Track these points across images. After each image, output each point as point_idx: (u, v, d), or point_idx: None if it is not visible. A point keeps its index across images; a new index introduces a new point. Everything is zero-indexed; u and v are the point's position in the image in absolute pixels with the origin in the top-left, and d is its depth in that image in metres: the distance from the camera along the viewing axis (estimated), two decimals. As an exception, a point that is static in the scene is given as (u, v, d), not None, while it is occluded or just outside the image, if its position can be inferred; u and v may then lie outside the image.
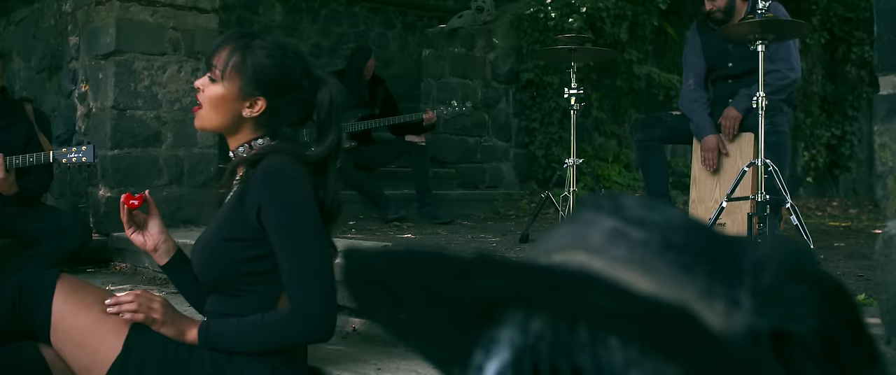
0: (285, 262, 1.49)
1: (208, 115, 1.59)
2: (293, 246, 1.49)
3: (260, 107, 1.57)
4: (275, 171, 1.51)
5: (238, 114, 1.58)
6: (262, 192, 1.50)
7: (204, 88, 1.59)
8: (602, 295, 0.44)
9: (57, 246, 2.97)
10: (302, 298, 1.48)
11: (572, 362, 0.50)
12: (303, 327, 1.49)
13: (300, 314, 1.48)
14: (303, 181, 1.52)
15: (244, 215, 1.52)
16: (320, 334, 1.52)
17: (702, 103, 3.41)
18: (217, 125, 1.59)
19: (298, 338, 1.54)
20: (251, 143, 1.60)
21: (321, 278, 1.49)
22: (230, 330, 1.50)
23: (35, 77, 4.61)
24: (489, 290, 0.49)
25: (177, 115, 3.86)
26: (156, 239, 1.70)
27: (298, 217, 1.50)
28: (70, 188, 4.16)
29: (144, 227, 1.71)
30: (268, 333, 1.50)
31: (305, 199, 1.51)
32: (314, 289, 1.48)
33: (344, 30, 8.08)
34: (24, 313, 1.55)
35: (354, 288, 0.61)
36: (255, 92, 1.57)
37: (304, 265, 1.48)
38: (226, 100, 1.57)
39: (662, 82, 6.79)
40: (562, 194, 3.61)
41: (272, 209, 1.49)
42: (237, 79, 1.56)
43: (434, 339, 0.63)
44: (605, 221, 0.54)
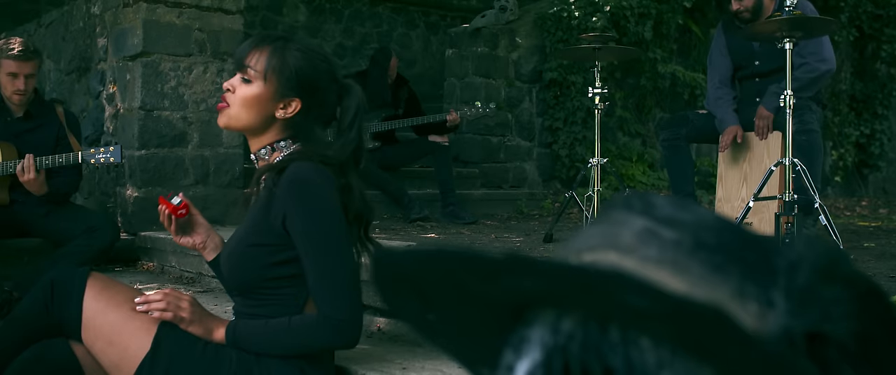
0: (311, 270, 1.50)
1: (238, 114, 1.59)
2: (319, 254, 1.49)
3: (294, 108, 1.59)
4: (300, 179, 1.51)
5: (270, 114, 1.59)
6: (288, 200, 1.51)
7: (235, 89, 1.59)
8: (634, 295, 0.44)
9: (86, 245, 3.02)
10: (328, 306, 1.48)
11: (604, 362, 0.49)
12: (329, 333, 1.50)
13: (326, 320, 1.49)
14: (328, 187, 1.53)
15: (270, 221, 1.53)
16: (346, 340, 1.53)
17: (727, 100, 3.38)
18: (246, 124, 1.60)
19: (324, 344, 1.55)
20: (273, 145, 1.61)
21: (347, 285, 1.50)
22: (257, 331, 1.52)
23: (64, 78, 4.68)
24: (520, 290, 0.49)
25: (203, 116, 3.90)
26: (202, 237, 1.74)
27: (324, 224, 1.50)
28: (98, 188, 4.22)
29: (190, 229, 1.73)
30: (294, 336, 1.51)
31: (331, 206, 1.52)
32: (340, 297, 1.49)
33: (367, 30, 8.11)
34: (55, 310, 1.58)
35: (383, 287, 0.61)
36: (290, 93, 1.58)
37: (330, 273, 1.49)
38: (260, 101, 1.58)
39: (687, 81, 6.74)
40: (586, 194, 3.60)
41: (298, 216, 1.50)
42: (274, 80, 1.57)
43: (463, 339, 0.63)
44: (635, 221, 0.54)
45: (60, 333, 1.58)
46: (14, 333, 1.58)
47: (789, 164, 2.82)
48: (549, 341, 0.51)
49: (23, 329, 1.58)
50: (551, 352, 0.51)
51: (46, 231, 3.13)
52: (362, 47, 7.96)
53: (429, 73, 7.81)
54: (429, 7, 8.32)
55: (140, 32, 3.76)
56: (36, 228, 3.14)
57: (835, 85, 6.94)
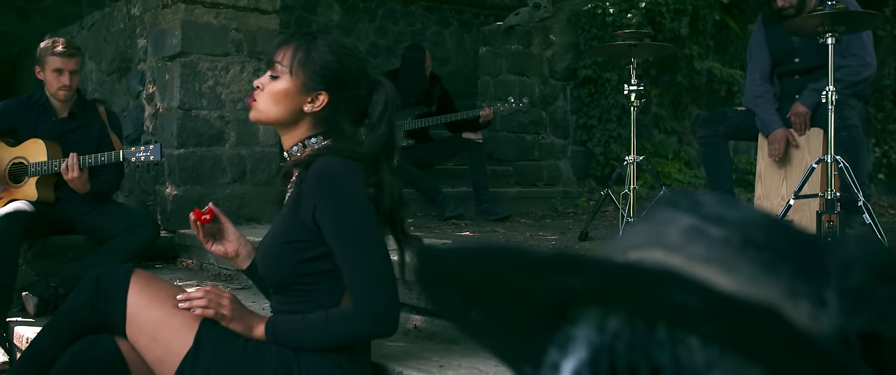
0: (345, 263, 1.51)
1: (266, 108, 1.62)
2: (351, 247, 1.50)
3: (321, 101, 1.60)
4: (327, 173, 1.53)
5: (299, 108, 1.61)
6: (316, 194, 1.52)
7: (264, 86, 1.62)
8: (683, 293, 0.43)
9: (128, 243, 3.07)
10: (364, 297, 1.50)
11: (651, 361, 0.49)
12: (366, 324, 1.51)
13: (363, 312, 1.50)
14: (356, 181, 1.53)
15: (301, 217, 1.55)
16: (383, 330, 1.54)
17: (768, 98, 3.32)
18: (274, 118, 1.62)
19: (362, 335, 1.56)
20: (304, 142, 1.62)
21: (381, 276, 1.51)
22: (295, 327, 1.53)
23: (106, 79, 4.77)
24: (567, 288, 0.48)
25: (240, 115, 3.95)
26: (235, 245, 1.75)
27: (353, 217, 1.51)
28: (139, 186, 4.29)
29: (221, 237, 1.75)
30: (332, 329, 1.52)
31: (359, 200, 1.52)
32: (375, 288, 1.49)
33: (400, 29, 8.13)
34: (101, 306, 1.61)
35: (427, 285, 0.61)
36: (318, 86, 1.60)
37: (364, 264, 1.50)
38: (288, 94, 1.60)
39: (724, 77, 6.64)
40: (622, 191, 3.57)
41: (327, 211, 1.51)
42: (301, 74, 1.59)
43: (506, 337, 0.63)
44: (682, 219, 0.53)
45: (105, 329, 1.61)
46: (62, 328, 1.62)
47: (831, 161, 2.76)
48: (595, 339, 0.51)
49: (70, 324, 1.62)
50: (597, 351, 0.50)
51: (90, 228, 3.20)
52: (396, 46, 7.99)
53: (462, 72, 7.81)
54: (462, 5, 8.31)
55: (178, 33, 3.82)
56: (80, 226, 3.21)
57: (878, 80, 6.78)
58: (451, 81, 5.23)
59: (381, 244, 1.54)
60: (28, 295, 2.89)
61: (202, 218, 1.69)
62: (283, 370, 1.51)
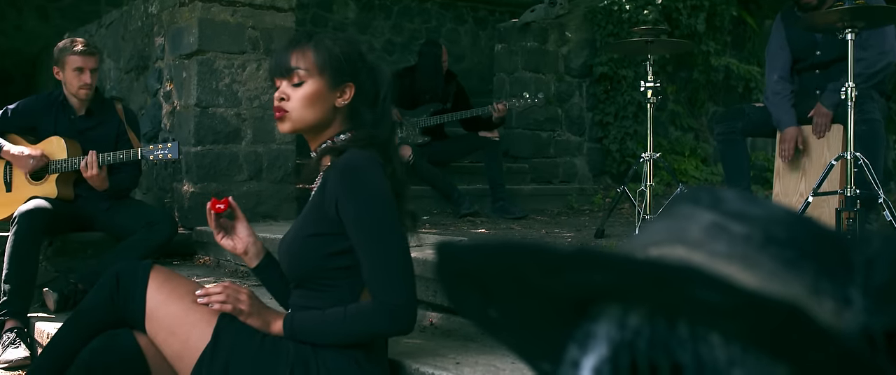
0: (365, 256, 1.52)
1: (302, 116, 1.61)
2: (372, 241, 1.51)
3: (349, 94, 1.63)
4: (350, 166, 1.54)
5: (331, 105, 1.63)
6: (339, 187, 1.53)
7: (290, 96, 1.62)
8: (706, 290, 0.43)
9: (146, 240, 3.09)
10: (383, 292, 1.50)
11: (672, 358, 0.49)
12: (384, 320, 1.51)
13: (381, 307, 1.50)
14: (379, 174, 1.54)
15: (325, 210, 1.56)
16: (401, 326, 1.54)
17: (785, 96, 3.29)
18: (313, 121, 1.62)
19: (380, 331, 1.56)
20: (333, 140, 1.63)
21: (400, 271, 1.51)
22: (314, 322, 1.54)
23: (123, 77, 4.81)
24: (588, 284, 0.48)
25: (256, 112, 3.97)
26: (245, 242, 1.75)
27: (376, 211, 1.52)
28: (156, 184, 4.32)
29: (232, 232, 1.75)
30: (350, 325, 1.53)
31: (382, 193, 1.53)
32: (394, 283, 1.50)
33: (416, 26, 8.14)
34: (120, 302, 1.63)
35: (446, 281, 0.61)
36: (344, 79, 1.62)
37: (383, 259, 1.51)
38: (320, 95, 1.61)
39: (741, 74, 6.59)
40: (638, 189, 3.55)
41: (350, 203, 1.52)
42: (326, 72, 1.61)
43: (525, 334, 0.63)
44: (703, 215, 0.53)
45: (125, 324, 1.63)
46: (82, 324, 1.64)
47: (851, 158, 2.73)
48: (615, 336, 0.50)
49: (90, 319, 1.64)
50: (618, 348, 0.50)
51: (108, 225, 3.23)
52: (411, 43, 7.99)
53: (477, 69, 7.80)
54: (477, 2, 8.31)
55: (195, 31, 3.84)
56: (99, 222, 3.24)
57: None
58: (466, 79, 5.23)
59: (402, 239, 1.54)
60: (48, 291, 2.92)
61: (216, 207, 1.70)
62: (300, 365, 1.52)
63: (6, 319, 2.78)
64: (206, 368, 1.53)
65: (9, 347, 2.69)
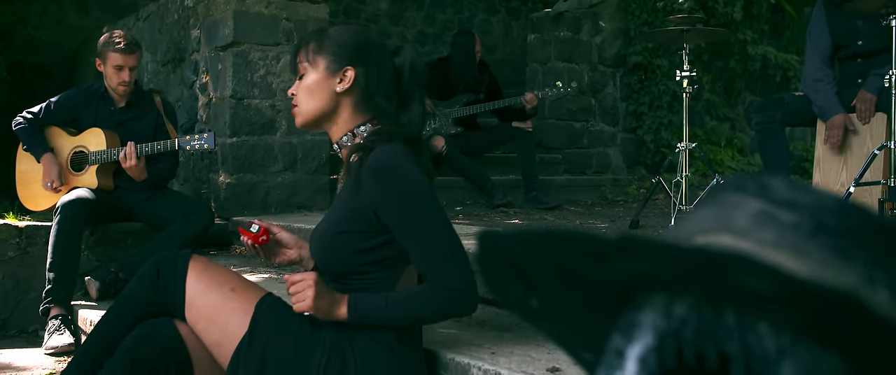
0: (420, 249, 1.50)
1: (305, 106, 1.63)
2: (423, 232, 1.50)
3: (350, 77, 1.61)
4: (382, 166, 1.53)
5: (332, 91, 1.62)
6: (376, 190, 1.52)
7: (296, 90, 1.64)
8: (756, 278, 0.42)
9: (183, 230, 3.14)
10: (444, 274, 1.49)
11: (719, 348, 0.48)
12: (448, 300, 1.49)
13: (443, 287, 1.49)
14: (411, 166, 1.54)
15: (359, 210, 1.56)
16: (466, 306, 1.53)
17: (827, 83, 3.22)
18: (316, 110, 1.63)
19: (444, 312, 1.54)
20: (353, 131, 1.63)
21: (457, 253, 1.50)
22: (377, 307, 1.52)
23: (161, 69, 4.88)
24: (634, 272, 0.48)
25: (290, 104, 3.99)
26: (296, 252, 1.76)
27: (419, 203, 1.51)
28: (193, 174, 4.38)
29: (279, 248, 1.76)
30: (414, 306, 1.51)
31: (419, 184, 1.52)
32: (454, 265, 1.49)
33: (448, 17, 8.12)
34: (161, 290, 1.65)
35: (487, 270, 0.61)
36: (341, 63, 1.62)
37: (440, 245, 1.50)
38: (318, 83, 1.62)
39: (779, 62, 6.47)
40: (673, 179, 3.51)
41: (392, 204, 1.51)
42: (321, 59, 1.62)
43: (567, 323, 0.63)
44: (750, 203, 0.52)
45: (165, 312, 1.65)
46: (124, 312, 1.67)
47: (894, 147, 2.67)
48: (661, 325, 0.50)
49: (132, 308, 1.67)
50: (664, 337, 0.50)
51: (147, 215, 3.28)
52: (443, 34, 7.98)
53: (510, 59, 7.77)
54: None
55: (231, 23, 3.88)
56: (137, 213, 3.30)
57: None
58: (498, 69, 5.20)
59: (448, 223, 1.54)
60: (90, 279, 2.98)
61: (259, 240, 1.69)
62: (336, 353, 1.53)
63: (51, 307, 2.85)
64: (244, 356, 1.55)
65: (54, 334, 2.76)
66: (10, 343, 3.06)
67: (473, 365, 1.59)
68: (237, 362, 1.55)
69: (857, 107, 3.07)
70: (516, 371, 1.51)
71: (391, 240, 1.56)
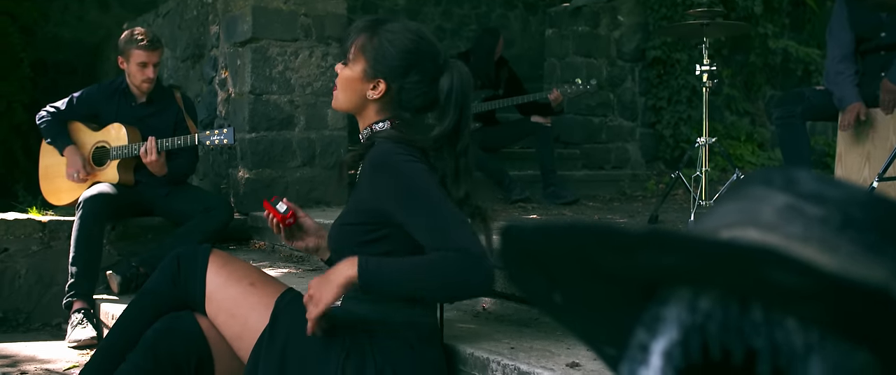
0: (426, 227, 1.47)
1: (338, 96, 1.66)
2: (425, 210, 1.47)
3: (381, 89, 1.61)
4: (378, 162, 1.53)
5: (363, 95, 1.62)
6: (372, 184, 1.53)
7: (339, 72, 1.65)
8: (784, 272, 0.42)
9: (203, 225, 3.16)
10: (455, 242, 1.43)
11: (745, 343, 0.48)
12: (461, 264, 1.41)
13: (455, 251, 1.42)
14: (411, 162, 1.52)
15: (361, 202, 1.57)
16: (483, 273, 1.42)
17: (848, 75, 3.18)
18: (346, 105, 1.65)
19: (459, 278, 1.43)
20: (372, 127, 1.64)
21: (466, 225, 1.47)
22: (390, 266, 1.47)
23: (180, 65, 4.91)
24: (659, 266, 0.47)
25: (309, 99, 4.01)
26: (315, 239, 1.76)
27: (418, 189, 1.48)
28: (213, 170, 4.41)
29: (300, 232, 1.76)
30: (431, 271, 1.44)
31: (416, 170, 1.50)
32: (464, 234, 1.44)
33: (465, 12, 8.11)
34: (182, 284, 1.67)
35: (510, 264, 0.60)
36: (376, 74, 1.61)
37: (444, 219, 1.45)
38: (352, 82, 1.62)
39: (800, 57, 6.40)
40: (693, 174, 3.49)
41: (391, 195, 1.51)
42: (362, 62, 1.62)
43: (590, 318, 0.62)
44: (777, 197, 0.51)
45: (186, 306, 1.67)
46: (146, 305, 1.69)
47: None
48: (686, 319, 0.49)
49: (153, 301, 1.68)
50: (689, 331, 0.49)
51: (167, 210, 3.31)
52: (461, 29, 7.97)
53: (528, 54, 7.74)
54: (527, -13, 8.23)
55: (249, 19, 3.89)
56: (158, 208, 3.33)
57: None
58: (516, 64, 5.19)
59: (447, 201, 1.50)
60: (112, 273, 3.01)
61: (286, 222, 1.69)
62: (356, 349, 1.54)
63: (74, 300, 2.88)
64: (264, 349, 1.56)
65: (77, 327, 2.79)
66: (35, 337, 3.10)
67: (493, 360, 1.59)
68: (257, 356, 1.56)
69: (881, 98, 3.03)
70: (535, 367, 1.51)
71: (391, 234, 1.55)
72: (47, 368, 2.60)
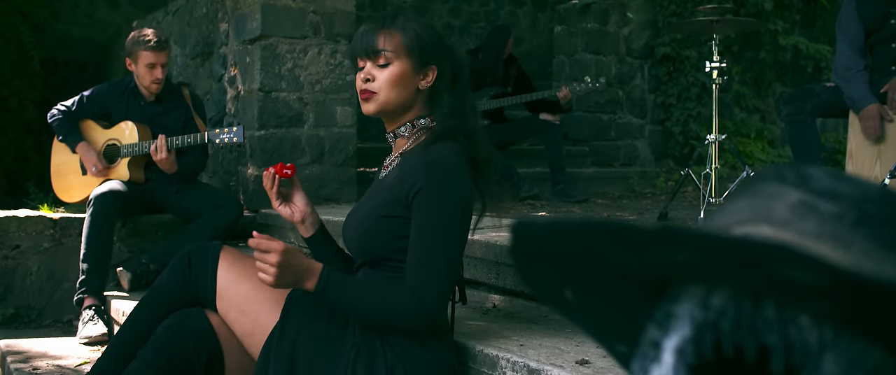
0: (420, 247, 1.51)
1: (388, 97, 1.62)
2: (434, 236, 1.51)
3: (431, 77, 1.64)
4: (441, 162, 1.54)
5: (415, 88, 1.64)
6: (424, 178, 1.53)
7: (376, 76, 1.62)
8: (798, 269, 0.42)
9: (212, 222, 3.18)
10: (423, 285, 1.50)
11: (758, 340, 0.47)
12: (411, 310, 1.51)
13: (413, 297, 1.51)
14: (465, 176, 1.55)
15: (403, 195, 1.57)
16: (421, 323, 1.54)
17: (858, 71, 3.15)
18: (397, 102, 1.64)
19: (401, 320, 1.54)
20: (413, 122, 1.64)
21: (448, 276, 1.53)
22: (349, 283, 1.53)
23: (189, 63, 4.93)
24: (672, 263, 0.47)
25: (317, 97, 4.02)
26: (302, 211, 1.76)
27: (450, 210, 1.52)
28: (222, 167, 4.43)
29: (289, 200, 1.77)
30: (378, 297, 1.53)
31: (463, 194, 1.54)
32: (437, 283, 1.51)
33: (474, 9, 8.09)
34: (192, 281, 1.67)
35: (520, 261, 0.60)
36: (428, 62, 1.64)
37: (439, 258, 1.51)
38: (406, 77, 1.62)
39: (811, 53, 6.37)
40: (703, 172, 3.47)
41: (429, 196, 1.52)
42: (412, 55, 1.63)
43: (601, 315, 0.62)
44: (790, 193, 0.51)
45: (197, 303, 1.68)
46: (157, 302, 1.70)
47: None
48: (698, 316, 0.49)
49: (164, 298, 1.69)
50: (701, 328, 0.49)
51: (177, 208, 3.32)
52: (469, 26, 7.96)
53: (536, 51, 7.73)
54: (536, -17, 8.21)
55: (258, 16, 3.90)
56: (168, 205, 3.34)
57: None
58: (524, 62, 5.17)
59: (460, 243, 1.55)
60: (122, 270, 3.03)
61: (283, 172, 1.70)
62: (366, 346, 1.54)
63: (85, 297, 2.90)
64: (274, 346, 1.57)
65: (88, 324, 2.81)
66: (46, 333, 3.12)
67: (502, 357, 1.59)
68: (268, 353, 1.57)
69: (889, 96, 3.00)
70: (545, 364, 1.51)
71: None
72: (59, 364, 2.62)
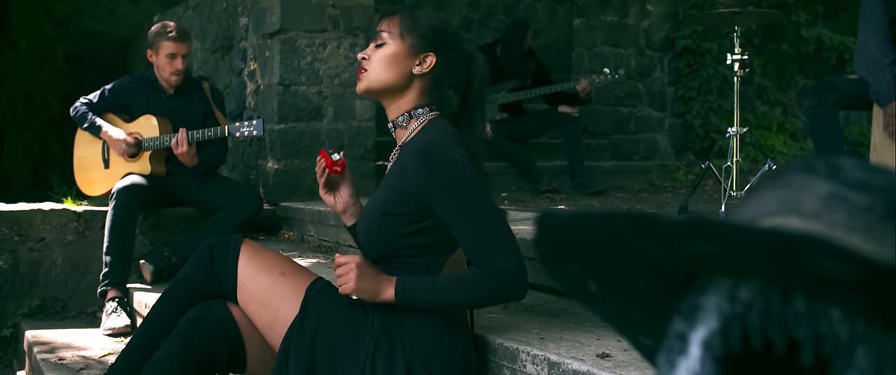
0: (467, 233, 1.50)
1: (377, 76, 1.62)
2: (472, 214, 1.50)
3: (429, 63, 1.62)
4: (427, 149, 1.53)
5: (408, 71, 1.63)
6: (423, 172, 1.53)
7: (370, 55, 1.64)
8: (830, 261, 0.41)
9: (233, 215, 3.20)
10: (495, 260, 1.48)
11: (787, 333, 0.47)
12: (497, 284, 1.49)
13: (493, 271, 1.48)
14: (459, 149, 1.54)
15: (405, 192, 1.56)
16: (516, 292, 1.52)
17: (883, 64, 3.10)
18: (386, 83, 1.63)
19: (494, 296, 1.54)
20: (411, 112, 1.64)
21: (507, 237, 1.50)
22: (425, 291, 1.53)
23: (209, 57, 4.95)
24: (700, 254, 0.47)
25: (336, 90, 4.02)
26: (346, 202, 1.78)
27: (466, 189, 1.51)
28: (242, 161, 4.45)
29: (336, 189, 1.78)
30: (462, 290, 1.52)
31: (465, 168, 1.52)
32: (505, 249, 1.48)
33: (493, 2, 8.07)
34: (213, 273, 1.69)
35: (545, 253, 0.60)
36: (425, 47, 1.63)
37: (490, 228, 1.49)
38: (398, 57, 1.62)
39: (834, 45, 6.29)
40: (724, 165, 3.44)
41: (439, 189, 1.52)
42: (408, 37, 1.62)
43: (625, 307, 0.62)
44: (820, 185, 0.50)
45: (218, 295, 1.69)
46: (179, 294, 1.71)
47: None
48: (726, 309, 0.49)
49: (186, 290, 1.70)
50: (729, 321, 0.49)
51: (198, 201, 3.35)
52: (488, 20, 7.94)
53: (555, 44, 7.69)
54: (555, -24, 8.16)
55: (278, 10, 3.91)
56: (189, 198, 3.37)
57: None
58: (543, 54, 5.15)
59: (495, 207, 1.54)
60: (145, 263, 3.06)
61: (333, 169, 1.71)
62: (385, 338, 1.54)
63: (108, 289, 2.93)
64: (295, 338, 1.57)
65: (111, 316, 2.84)
66: (71, 324, 3.16)
67: (522, 350, 1.59)
68: (288, 345, 1.57)
69: None
70: (565, 357, 1.50)
71: (434, 226, 1.57)
72: (83, 355, 2.66)
